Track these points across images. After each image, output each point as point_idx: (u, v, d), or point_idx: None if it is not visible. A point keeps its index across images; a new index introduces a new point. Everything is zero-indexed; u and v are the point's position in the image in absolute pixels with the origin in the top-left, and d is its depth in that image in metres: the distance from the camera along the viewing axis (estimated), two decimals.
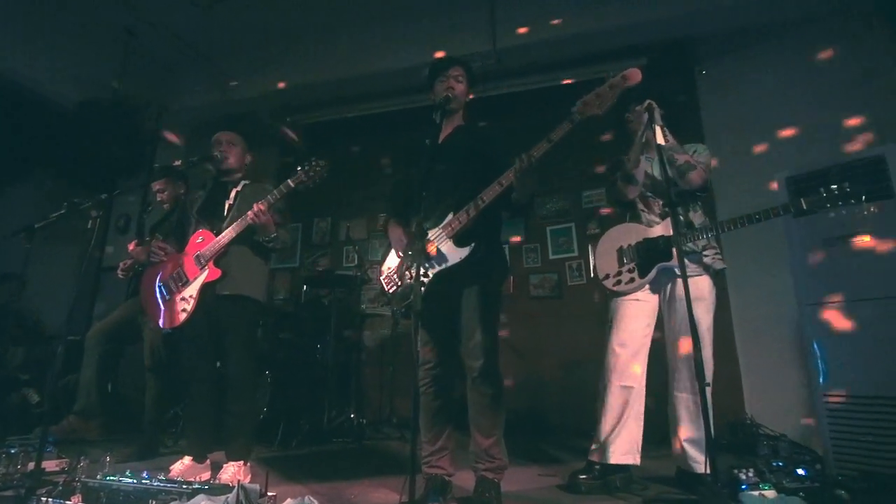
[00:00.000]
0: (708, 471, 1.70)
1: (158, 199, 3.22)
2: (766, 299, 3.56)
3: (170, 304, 2.41)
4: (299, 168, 2.25)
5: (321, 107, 5.04)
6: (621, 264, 2.31)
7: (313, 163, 2.24)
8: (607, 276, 2.34)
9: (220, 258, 2.36)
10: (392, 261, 2.17)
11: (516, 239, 4.68)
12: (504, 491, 1.96)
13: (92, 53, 4.49)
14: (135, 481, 1.71)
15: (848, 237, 2.56)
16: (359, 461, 2.96)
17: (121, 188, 2.96)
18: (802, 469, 2.13)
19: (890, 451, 2.26)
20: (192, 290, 2.36)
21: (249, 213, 2.26)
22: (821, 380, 2.60)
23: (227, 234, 2.33)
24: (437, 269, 1.96)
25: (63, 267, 5.19)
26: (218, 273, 2.34)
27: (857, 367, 2.46)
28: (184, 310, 2.35)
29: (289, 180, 2.27)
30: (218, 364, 2.48)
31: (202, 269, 2.35)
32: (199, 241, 2.41)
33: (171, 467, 2.32)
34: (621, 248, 2.34)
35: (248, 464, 2.35)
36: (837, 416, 2.49)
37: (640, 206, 2.37)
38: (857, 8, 3.53)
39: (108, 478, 1.75)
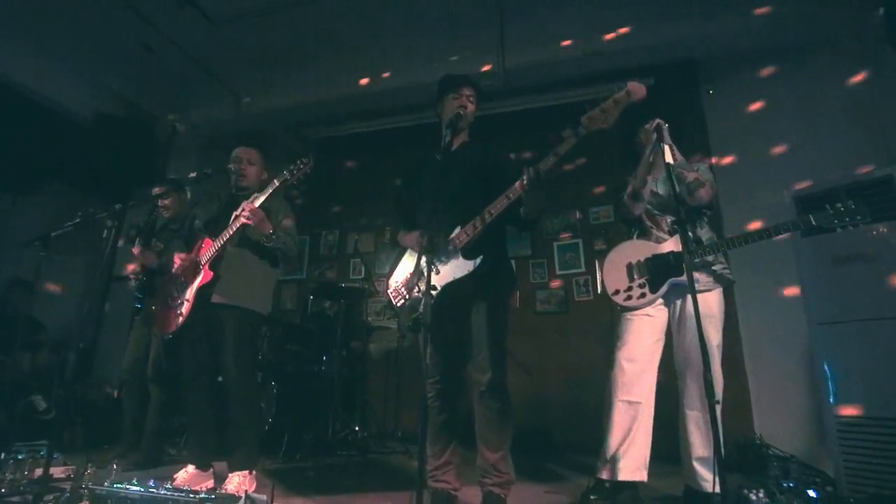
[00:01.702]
0: (717, 490, 1.69)
1: (160, 205, 3.28)
2: (774, 317, 3.54)
3: (171, 309, 2.44)
4: (286, 170, 2.28)
5: (331, 122, 5.13)
6: (631, 280, 2.31)
7: (298, 162, 2.27)
8: (617, 292, 2.34)
9: (215, 262, 2.38)
10: (400, 274, 2.19)
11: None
12: None
13: (109, 67, 4.60)
14: (142, 489, 1.72)
15: (857, 256, 2.56)
16: (363, 474, 2.94)
17: (134, 199, 3.01)
18: (813, 491, 2.10)
19: None
20: (188, 295, 2.39)
21: (242, 212, 2.27)
22: (831, 400, 2.58)
23: (222, 236, 2.35)
24: (446, 282, 1.97)
25: (71, 276, 5.24)
26: (210, 275, 2.35)
27: (869, 388, 2.43)
28: (179, 314, 2.38)
29: (274, 180, 2.30)
30: (220, 378, 2.50)
31: (198, 272, 2.39)
32: (200, 247, 2.46)
33: (175, 476, 2.32)
34: (630, 263, 2.34)
35: (254, 473, 2.34)
36: (849, 437, 2.45)
37: (648, 223, 2.38)
38: (866, 32, 3.56)
39: (115, 485, 1.76)
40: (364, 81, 4.50)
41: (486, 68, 4.10)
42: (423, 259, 1.98)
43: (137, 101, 4.70)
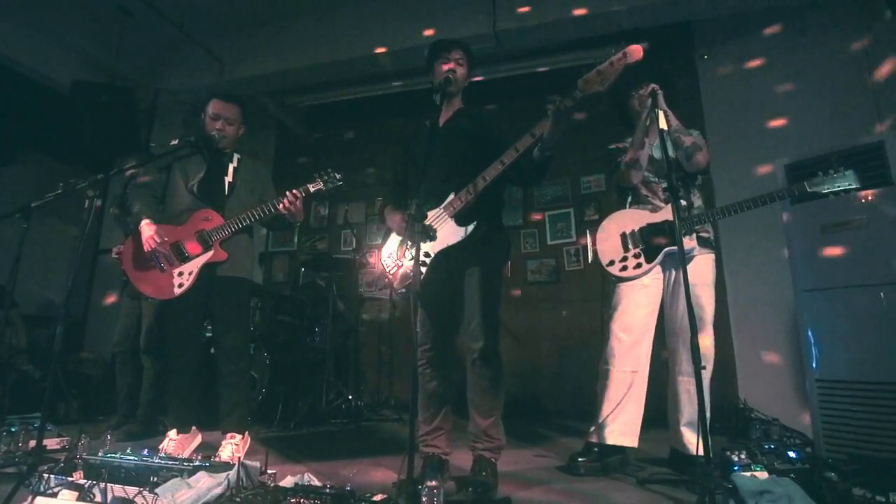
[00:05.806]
0: (700, 452, 1.74)
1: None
2: (761, 285, 3.59)
3: (165, 276, 2.36)
4: (317, 175, 2.46)
5: (319, 89, 4.99)
6: (626, 250, 2.31)
7: (332, 173, 2.48)
8: (612, 263, 2.33)
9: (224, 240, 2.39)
10: (392, 245, 2.17)
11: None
12: (501, 471, 1.99)
13: (87, 34, 4.42)
14: (136, 459, 1.73)
15: (845, 224, 2.57)
16: (357, 442, 2.99)
17: (117, 168, 2.92)
18: (793, 452, 2.17)
19: (879, 435, 2.30)
20: (192, 267, 2.36)
21: (284, 202, 2.36)
22: (814, 364, 2.64)
23: (244, 218, 2.38)
24: (439, 248, 1.96)
25: (58, 249, 5.17)
26: (224, 255, 2.38)
27: (849, 353, 2.49)
28: (180, 284, 2.35)
29: (308, 185, 2.45)
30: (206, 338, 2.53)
31: (207, 248, 2.37)
32: (205, 219, 2.40)
33: (161, 446, 2.28)
34: (625, 233, 2.33)
35: (248, 439, 2.38)
36: (828, 399, 2.52)
37: (644, 191, 2.36)
38: None
39: (109, 455, 1.77)
40: (350, 46, 4.36)
41: (477, 32, 3.98)
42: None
43: (116, 67, 4.53)
